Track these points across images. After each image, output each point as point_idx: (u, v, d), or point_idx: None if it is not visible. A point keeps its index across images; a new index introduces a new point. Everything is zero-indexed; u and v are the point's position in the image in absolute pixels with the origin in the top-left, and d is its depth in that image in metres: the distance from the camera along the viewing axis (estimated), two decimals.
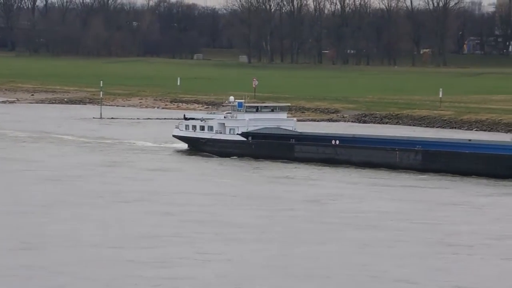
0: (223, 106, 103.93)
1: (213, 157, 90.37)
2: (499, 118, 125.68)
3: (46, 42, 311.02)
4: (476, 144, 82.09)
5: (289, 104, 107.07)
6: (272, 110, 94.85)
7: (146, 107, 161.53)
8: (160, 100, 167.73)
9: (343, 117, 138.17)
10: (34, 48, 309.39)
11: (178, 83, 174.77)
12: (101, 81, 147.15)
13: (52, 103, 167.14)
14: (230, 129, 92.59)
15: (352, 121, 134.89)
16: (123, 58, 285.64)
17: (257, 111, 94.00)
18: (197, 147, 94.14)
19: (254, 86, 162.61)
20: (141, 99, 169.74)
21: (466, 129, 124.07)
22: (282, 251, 49.65)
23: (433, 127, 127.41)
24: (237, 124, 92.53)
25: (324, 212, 60.87)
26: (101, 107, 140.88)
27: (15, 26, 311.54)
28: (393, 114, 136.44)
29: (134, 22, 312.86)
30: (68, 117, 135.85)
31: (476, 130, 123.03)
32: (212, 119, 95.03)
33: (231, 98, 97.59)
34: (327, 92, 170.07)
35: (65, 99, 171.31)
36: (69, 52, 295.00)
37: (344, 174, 79.32)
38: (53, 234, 53.20)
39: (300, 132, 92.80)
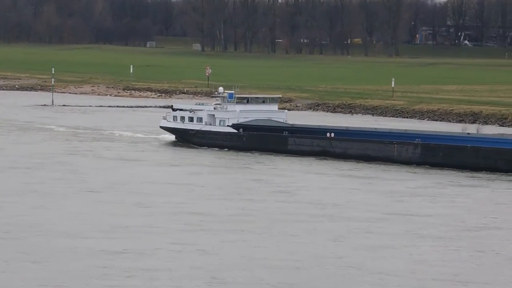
0: (212, 97, 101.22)
1: (199, 148, 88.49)
2: (451, 108, 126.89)
3: None
4: (475, 138, 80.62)
5: (280, 96, 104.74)
6: (263, 102, 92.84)
7: (99, 94, 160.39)
8: (112, 87, 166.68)
9: (296, 106, 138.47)
10: None
11: (131, 71, 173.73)
12: (53, 68, 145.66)
13: (3, 89, 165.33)
14: (220, 121, 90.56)
15: (305, 110, 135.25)
16: (75, 45, 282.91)
17: (247, 102, 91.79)
18: (186, 138, 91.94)
19: (207, 74, 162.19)
20: (94, 86, 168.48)
21: (418, 119, 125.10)
22: (256, 243, 49.44)
23: (385, 116, 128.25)
24: (228, 115, 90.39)
25: (296, 203, 60.70)
26: (52, 94, 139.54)
27: None
28: (346, 104, 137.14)
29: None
30: (21, 104, 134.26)
31: (428, 120, 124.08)
32: (201, 110, 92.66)
33: (221, 88, 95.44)
34: (281, 81, 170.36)
35: (16, 86, 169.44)
36: (21, 38, 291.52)
37: (317, 166, 78.84)
38: (21, 223, 52.57)
39: (292, 124, 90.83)
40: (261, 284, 42.13)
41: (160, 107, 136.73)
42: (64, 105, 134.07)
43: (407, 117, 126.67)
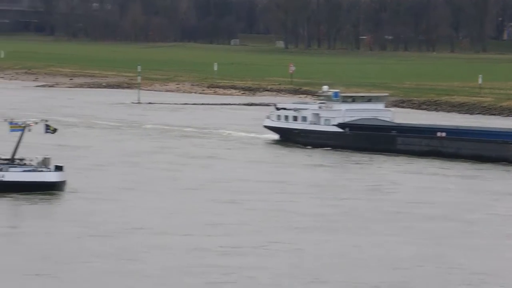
0: (317, 95, 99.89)
1: (301, 147, 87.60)
2: None
3: (84, 26, 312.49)
4: None
5: (387, 94, 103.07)
6: (369, 100, 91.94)
7: (184, 92, 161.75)
8: (197, 85, 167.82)
9: None
10: (72, 33, 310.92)
11: (215, 69, 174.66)
12: (139, 66, 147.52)
13: (91, 87, 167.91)
14: (325, 120, 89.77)
15: (389, 107, 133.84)
16: (160, 43, 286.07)
17: (353, 101, 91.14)
18: (290, 138, 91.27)
19: (290, 72, 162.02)
20: (178, 84, 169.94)
21: (506, 116, 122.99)
22: (352, 241, 49.22)
23: (472, 113, 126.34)
24: (333, 114, 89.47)
25: (391, 202, 60.13)
26: (139, 92, 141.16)
27: (54, 11, 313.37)
28: (432, 101, 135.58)
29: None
30: (109, 102, 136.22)
31: None
32: (306, 109, 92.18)
33: (325, 87, 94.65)
34: (365, 78, 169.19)
35: (103, 84, 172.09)
36: (107, 37, 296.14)
37: (407, 163, 77.98)
38: (118, 221, 53.28)
39: (399, 123, 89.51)
40: (360, 284, 41.74)
41: (245, 104, 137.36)
42: (150, 103, 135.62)
43: (494, 114, 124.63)
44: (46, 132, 65.36)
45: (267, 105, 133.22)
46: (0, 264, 45.03)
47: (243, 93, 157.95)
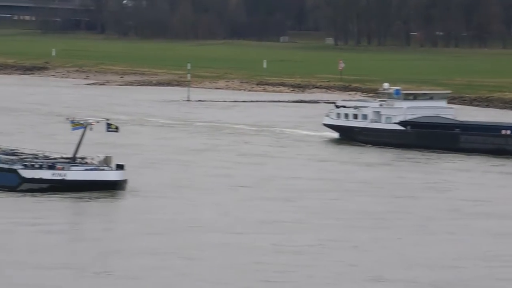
0: (378, 93, 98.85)
1: (364, 146, 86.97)
2: None
3: (134, 25, 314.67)
4: None
5: (449, 91, 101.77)
6: (431, 98, 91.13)
7: (233, 89, 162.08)
8: (246, 82, 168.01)
9: None
10: (123, 31, 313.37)
11: (264, 66, 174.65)
12: (189, 64, 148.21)
13: (141, 85, 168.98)
14: (386, 118, 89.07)
15: None
16: (210, 41, 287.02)
17: (414, 98, 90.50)
18: (350, 136, 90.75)
19: (340, 68, 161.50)
20: (228, 81, 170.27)
21: None
22: (409, 239, 48.84)
23: None
24: (394, 112, 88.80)
25: (447, 200, 59.59)
26: (188, 90, 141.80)
27: (104, 9, 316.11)
28: (483, 97, 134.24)
29: None
30: (159, 99, 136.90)
31: None
32: (366, 107, 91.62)
33: (386, 84, 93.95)
34: (415, 74, 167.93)
35: (154, 82, 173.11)
36: (157, 35, 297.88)
37: (462, 161, 77.29)
38: (175, 219, 53.51)
39: (462, 121, 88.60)
40: (419, 283, 41.42)
41: (294, 101, 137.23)
42: (200, 101, 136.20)
43: None
44: (108, 130, 65.21)
45: (317, 102, 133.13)
46: (59, 261, 45.59)
47: (292, 90, 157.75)
